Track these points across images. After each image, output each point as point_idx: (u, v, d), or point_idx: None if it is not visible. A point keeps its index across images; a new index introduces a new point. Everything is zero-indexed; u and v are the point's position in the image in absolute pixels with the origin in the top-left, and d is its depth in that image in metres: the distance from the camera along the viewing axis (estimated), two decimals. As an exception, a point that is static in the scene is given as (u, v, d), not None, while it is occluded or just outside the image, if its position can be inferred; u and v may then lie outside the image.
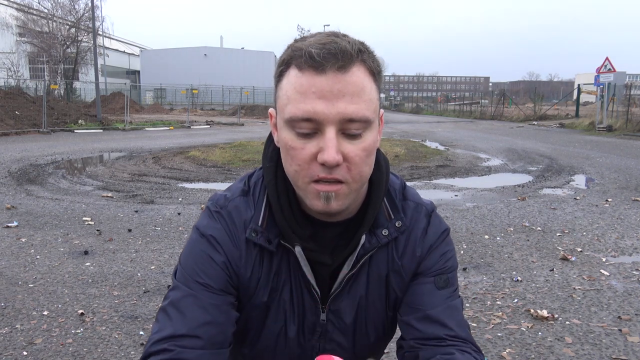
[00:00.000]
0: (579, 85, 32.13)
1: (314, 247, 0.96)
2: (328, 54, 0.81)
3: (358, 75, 0.83)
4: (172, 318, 0.91)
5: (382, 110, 0.95)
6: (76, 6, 32.74)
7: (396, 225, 1.00)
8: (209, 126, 23.89)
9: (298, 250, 0.95)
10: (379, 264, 1.02)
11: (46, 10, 32.69)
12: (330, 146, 0.82)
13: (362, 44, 0.87)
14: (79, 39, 33.09)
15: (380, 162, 1.00)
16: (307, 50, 0.82)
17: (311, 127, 0.84)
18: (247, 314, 1.02)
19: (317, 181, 0.86)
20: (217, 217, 0.99)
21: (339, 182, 0.85)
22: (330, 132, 0.82)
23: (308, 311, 1.02)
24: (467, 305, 3.35)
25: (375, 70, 0.87)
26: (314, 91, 0.82)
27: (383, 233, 0.99)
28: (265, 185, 1.00)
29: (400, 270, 1.02)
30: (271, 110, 0.97)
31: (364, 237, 0.97)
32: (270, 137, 1.01)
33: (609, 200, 6.79)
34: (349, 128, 0.84)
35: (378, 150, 0.98)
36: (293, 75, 0.85)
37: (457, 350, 0.94)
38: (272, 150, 1.00)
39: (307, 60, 0.82)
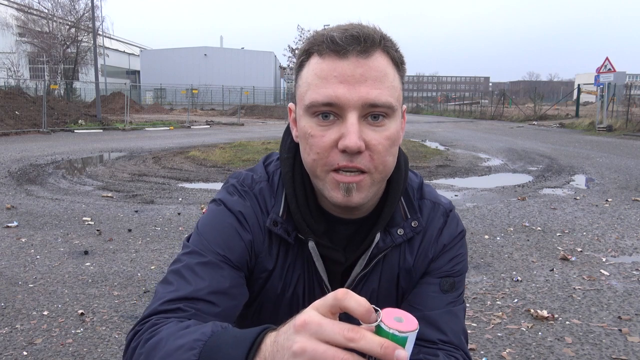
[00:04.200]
0: (579, 85, 32.12)
1: (328, 243, 0.94)
2: (350, 38, 0.80)
3: (380, 61, 0.82)
4: (190, 280, 0.86)
5: (405, 106, 0.93)
6: (76, 6, 32.79)
7: (412, 225, 0.98)
8: (209, 126, 23.89)
9: (311, 245, 0.92)
10: (392, 263, 1.00)
11: (46, 10, 32.70)
12: (352, 131, 0.78)
13: (386, 34, 0.85)
14: (79, 39, 33.10)
15: (400, 159, 0.97)
16: (328, 35, 0.81)
17: (332, 113, 0.81)
18: (260, 304, 0.99)
19: (337, 170, 0.82)
20: (245, 195, 0.96)
21: (361, 172, 0.82)
22: (352, 117, 0.79)
23: None
24: (467, 305, 3.35)
25: (398, 61, 0.86)
26: (336, 75, 0.80)
27: (398, 232, 0.96)
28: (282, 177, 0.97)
29: (411, 270, 1.00)
30: (290, 104, 0.95)
31: (378, 235, 0.94)
32: (289, 128, 0.99)
33: (609, 200, 6.78)
34: (371, 113, 0.81)
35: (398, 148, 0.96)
36: (314, 63, 0.83)
37: (445, 355, 0.92)
38: (290, 142, 0.97)
39: (328, 45, 0.80)
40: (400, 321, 0.55)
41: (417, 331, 0.55)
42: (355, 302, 0.53)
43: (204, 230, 0.93)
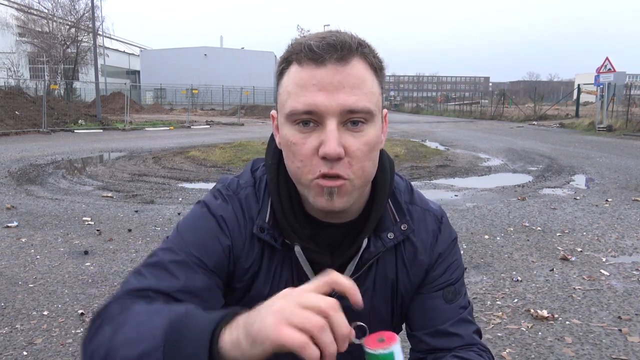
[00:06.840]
0: (579, 85, 32.11)
1: (314, 247, 0.95)
2: (327, 46, 0.81)
3: (358, 67, 0.83)
4: (162, 277, 0.87)
5: (385, 110, 0.94)
6: (76, 6, 32.79)
7: (402, 228, 0.98)
8: (209, 126, 23.89)
9: (297, 249, 0.93)
10: (387, 267, 1.00)
11: (46, 10, 32.70)
12: (331, 138, 0.80)
13: (363, 40, 0.87)
14: (79, 39, 33.09)
15: (385, 163, 0.98)
16: (306, 44, 0.82)
17: (312, 120, 0.83)
18: (248, 308, 1.00)
19: (320, 177, 0.84)
20: (229, 199, 0.97)
21: (341, 177, 0.83)
22: (331, 125, 0.81)
23: None
24: (467, 305, 3.35)
25: (376, 66, 0.87)
26: (314, 83, 0.81)
27: (389, 236, 0.97)
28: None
29: (409, 275, 1.01)
30: (273, 112, 0.96)
31: (365, 240, 0.95)
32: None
33: (609, 200, 6.78)
34: (350, 119, 0.82)
35: (382, 152, 0.96)
36: (293, 71, 0.85)
37: (452, 356, 0.95)
38: (275, 148, 0.98)
39: (306, 54, 0.82)
40: (382, 341, 0.62)
41: (398, 342, 0.63)
42: (344, 279, 0.63)
43: (184, 230, 0.95)
